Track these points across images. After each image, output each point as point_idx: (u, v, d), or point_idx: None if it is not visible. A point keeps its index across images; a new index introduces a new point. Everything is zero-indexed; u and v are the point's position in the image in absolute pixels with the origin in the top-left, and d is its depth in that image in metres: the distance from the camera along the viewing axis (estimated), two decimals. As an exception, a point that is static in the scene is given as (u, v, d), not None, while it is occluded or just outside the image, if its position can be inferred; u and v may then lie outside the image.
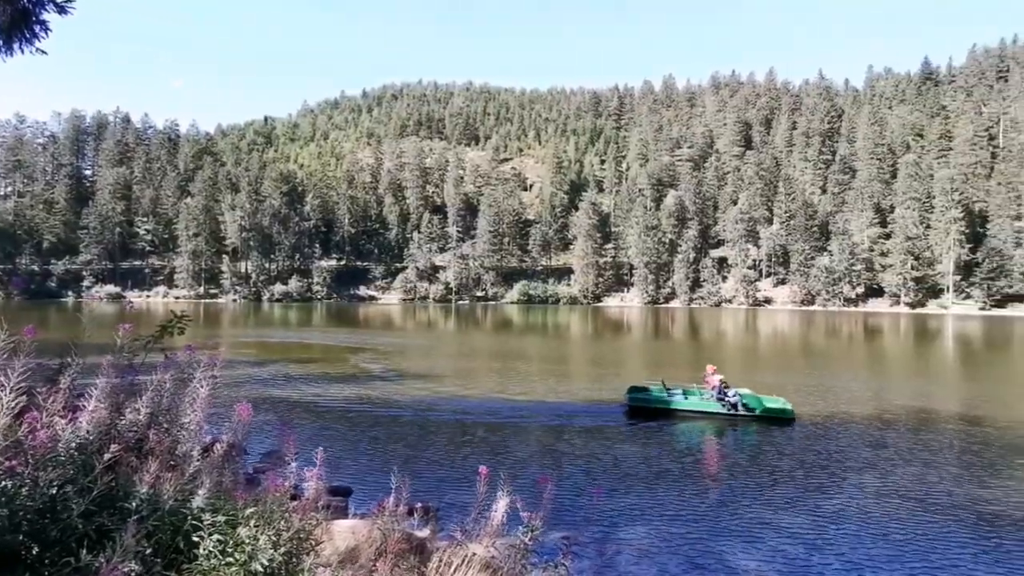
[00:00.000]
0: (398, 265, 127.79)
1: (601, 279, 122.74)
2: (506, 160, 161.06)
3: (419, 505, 5.31)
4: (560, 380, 25.48)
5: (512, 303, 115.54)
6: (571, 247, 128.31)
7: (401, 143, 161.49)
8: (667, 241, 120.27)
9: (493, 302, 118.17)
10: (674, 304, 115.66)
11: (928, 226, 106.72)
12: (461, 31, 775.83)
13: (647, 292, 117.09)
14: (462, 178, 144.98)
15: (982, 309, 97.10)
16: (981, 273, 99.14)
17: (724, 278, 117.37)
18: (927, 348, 45.94)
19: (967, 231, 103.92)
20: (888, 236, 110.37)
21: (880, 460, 13.94)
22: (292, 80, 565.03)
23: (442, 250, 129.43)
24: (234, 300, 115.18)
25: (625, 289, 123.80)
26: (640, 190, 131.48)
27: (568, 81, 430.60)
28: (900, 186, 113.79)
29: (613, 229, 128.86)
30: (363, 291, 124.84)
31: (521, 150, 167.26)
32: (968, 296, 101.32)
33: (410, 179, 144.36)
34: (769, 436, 16.15)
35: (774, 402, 17.81)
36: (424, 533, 5.50)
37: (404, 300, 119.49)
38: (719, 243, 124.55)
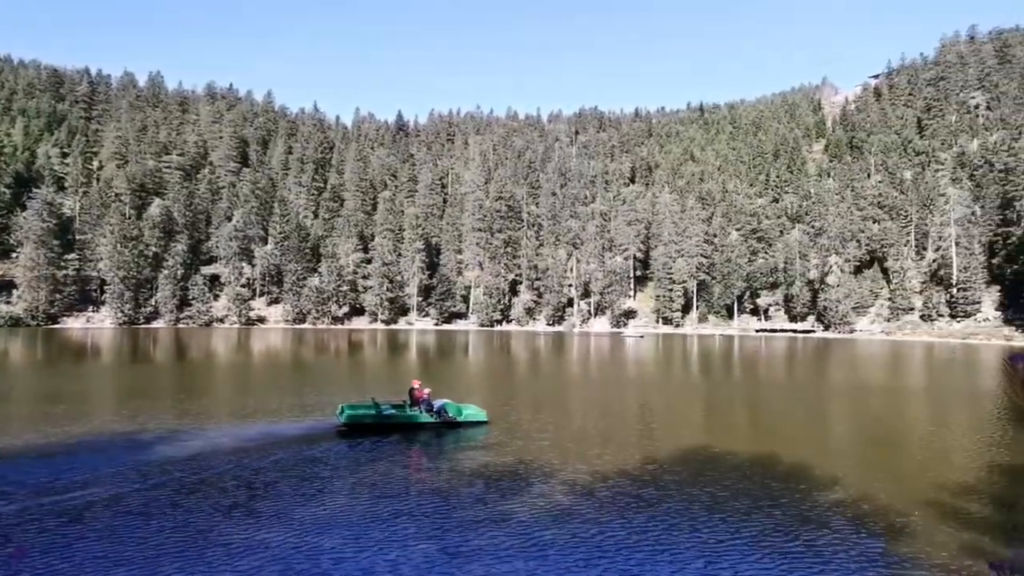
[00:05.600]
0: None
1: (59, 296, 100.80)
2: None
3: None
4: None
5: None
6: (14, 255, 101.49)
7: None
8: (151, 255, 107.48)
9: None
10: (157, 324, 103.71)
11: (400, 254, 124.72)
12: None
13: (123, 311, 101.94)
14: None
15: (436, 324, 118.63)
16: (436, 295, 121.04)
17: (216, 296, 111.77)
18: (402, 357, 53.30)
19: (427, 260, 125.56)
20: (369, 261, 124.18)
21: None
22: None
23: None
24: None
25: (94, 308, 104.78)
26: (117, 195, 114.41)
27: (14, 50, 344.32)
28: (379, 218, 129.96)
29: (78, 237, 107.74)
30: None
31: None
32: (427, 314, 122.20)
33: None
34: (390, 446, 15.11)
35: (471, 409, 19.89)
36: None
37: None
38: (211, 260, 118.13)
